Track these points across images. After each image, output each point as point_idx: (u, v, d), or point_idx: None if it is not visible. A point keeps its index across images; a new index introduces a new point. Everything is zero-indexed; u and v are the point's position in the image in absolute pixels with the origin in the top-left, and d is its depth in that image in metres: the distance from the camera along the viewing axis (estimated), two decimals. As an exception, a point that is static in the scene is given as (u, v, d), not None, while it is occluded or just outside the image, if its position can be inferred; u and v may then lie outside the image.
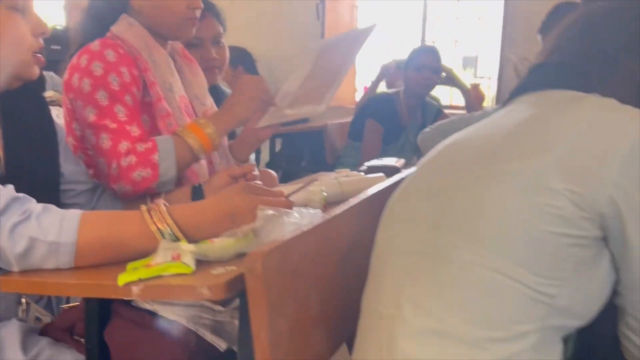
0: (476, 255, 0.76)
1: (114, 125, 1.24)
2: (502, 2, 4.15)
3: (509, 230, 0.75)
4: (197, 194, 1.24)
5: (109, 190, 1.27)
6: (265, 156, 3.88)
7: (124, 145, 1.23)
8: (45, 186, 1.13)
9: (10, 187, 0.91)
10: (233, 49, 4.33)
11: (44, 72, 4.16)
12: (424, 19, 4.86)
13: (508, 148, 0.80)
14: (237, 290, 0.80)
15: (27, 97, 1.12)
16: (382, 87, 3.83)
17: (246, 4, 4.70)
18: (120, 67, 1.28)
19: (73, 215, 0.91)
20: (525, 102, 0.88)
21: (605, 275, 0.78)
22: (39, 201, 0.93)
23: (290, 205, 1.00)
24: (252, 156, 2.29)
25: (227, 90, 2.14)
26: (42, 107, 1.18)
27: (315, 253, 0.94)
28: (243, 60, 4.32)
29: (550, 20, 1.06)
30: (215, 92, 1.98)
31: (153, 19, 1.38)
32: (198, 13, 1.41)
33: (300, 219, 0.97)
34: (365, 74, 5.23)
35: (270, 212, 0.93)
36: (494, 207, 0.77)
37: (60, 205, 1.14)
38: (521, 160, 0.77)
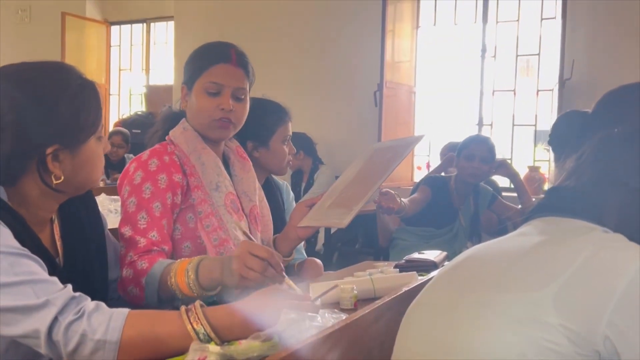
0: None
1: (129, 234, 1.38)
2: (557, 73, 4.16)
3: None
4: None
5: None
6: (321, 238, 3.97)
7: (129, 256, 1.36)
8: (96, 277, 1.26)
9: (69, 287, 1.03)
10: (297, 134, 4.58)
11: (125, 155, 4.49)
12: (481, 98, 4.94)
13: (511, 276, 0.82)
14: (254, 394, 0.87)
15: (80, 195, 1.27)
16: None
17: (307, 91, 4.96)
18: (158, 175, 1.43)
19: (120, 314, 1.02)
20: (539, 226, 0.90)
21: None
22: (89, 290, 1.05)
23: (315, 310, 1.07)
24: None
25: (280, 182, 2.27)
26: (90, 200, 1.32)
27: (336, 357, 1.00)
28: (303, 144, 4.53)
29: (558, 130, 1.08)
30: (269, 183, 2.12)
31: (193, 121, 1.54)
32: (228, 114, 1.50)
33: (324, 322, 1.03)
34: (422, 155, 5.31)
35: (293, 315, 1.01)
36: (490, 337, 0.78)
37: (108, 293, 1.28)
38: (521, 291, 0.78)
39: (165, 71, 6.80)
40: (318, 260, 2.10)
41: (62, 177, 1.12)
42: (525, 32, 4.87)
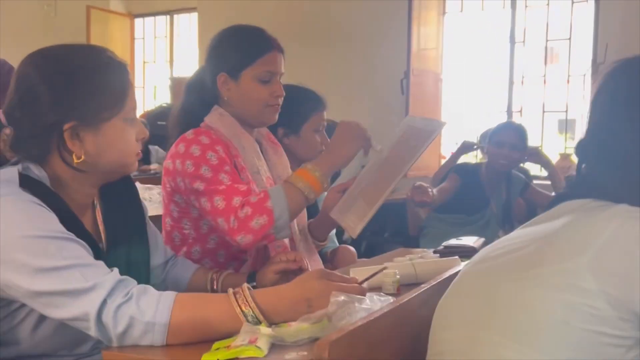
0: (520, 354, 0.79)
1: (223, 187, 1.39)
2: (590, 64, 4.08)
3: (548, 329, 0.78)
4: (251, 280, 1.35)
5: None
6: (349, 227, 3.95)
7: (237, 201, 1.37)
8: (138, 263, 1.26)
9: (115, 271, 1.04)
10: (328, 122, 4.55)
11: (150, 147, 4.53)
12: (510, 85, 4.86)
13: (543, 253, 0.85)
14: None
15: (120, 180, 1.24)
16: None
17: (334, 80, 4.94)
18: (215, 146, 1.45)
19: (168, 296, 1.02)
20: (563, 209, 0.92)
21: None
22: (132, 274, 1.05)
23: (363, 292, 1.06)
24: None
25: None
26: (132, 187, 1.31)
27: (384, 339, 0.98)
28: (333, 132, 4.50)
29: None
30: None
31: (241, 108, 1.55)
32: (281, 100, 1.56)
33: (372, 305, 1.02)
34: (450, 143, 5.26)
35: (343, 298, 0.99)
36: (533, 307, 0.80)
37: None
38: (555, 263, 0.81)
39: (190, 63, 6.83)
40: (351, 248, 2.09)
41: (83, 157, 1.08)
42: (555, 16, 4.77)
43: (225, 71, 1.54)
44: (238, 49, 1.55)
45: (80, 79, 1.09)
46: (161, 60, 7.37)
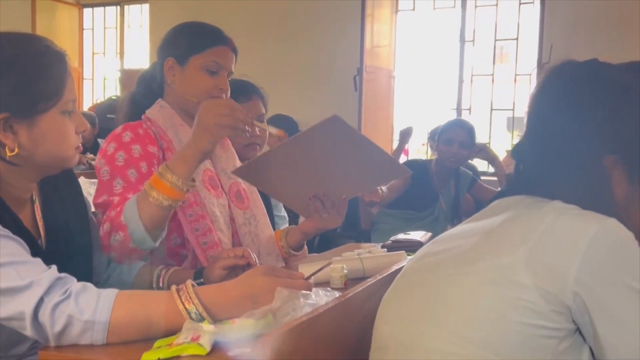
0: (458, 347, 0.81)
1: (103, 199, 1.36)
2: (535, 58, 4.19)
3: (485, 323, 0.81)
4: (199, 277, 1.32)
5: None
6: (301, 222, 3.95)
7: (106, 215, 1.32)
8: (79, 260, 1.22)
9: (53, 268, 1.00)
10: (281, 117, 4.53)
11: (99, 140, 4.38)
12: (460, 83, 4.95)
13: (481, 248, 0.88)
14: (248, 372, 0.85)
15: (60, 174, 1.21)
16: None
17: (287, 76, 4.92)
18: (132, 145, 1.42)
19: (109, 294, 0.99)
20: (502, 205, 0.95)
21: None
22: (73, 272, 1.02)
23: (309, 287, 1.06)
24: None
25: None
26: (73, 181, 1.27)
27: (331, 334, 0.99)
28: (287, 127, 4.49)
29: None
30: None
31: (183, 97, 1.52)
32: (225, 95, 1.54)
33: (318, 300, 1.02)
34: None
35: (287, 293, 0.99)
36: (471, 301, 0.83)
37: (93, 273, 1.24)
38: (492, 258, 0.84)
39: (140, 55, 6.68)
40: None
41: (17, 150, 1.04)
42: (504, 16, 4.88)
43: (173, 56, 1.53)
44: (190, 36, 1.55)
45: (13, 68, 1.05)
46: (111, 51, 7.19)
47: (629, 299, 0.79)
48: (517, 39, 4.76)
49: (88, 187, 2.36)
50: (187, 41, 1.53)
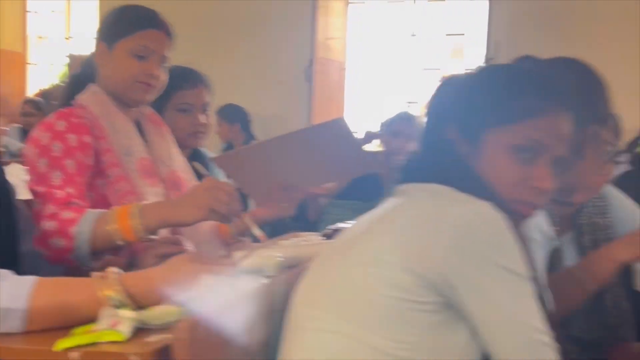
0: (331, 324, 0.87)
1: (43, 190, 1.31)
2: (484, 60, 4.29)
3: (361, 300, 0.86)
4: (131, 266, 1.29)
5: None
6: (250, 213, 3.94)
7: (49, 209, 1.28)
8: (3, 248, 1.19)
9: None
10: (232, 106, 4.49)
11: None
12: (410, 77, 5.02)
13: (363, 236, 0.94)
14: (168, 358, 0.85)
15: None
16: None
17: (241, 66, 4.89)
18: (67, 135, 1.38)
19: (26, 281, 0.97)
20: (397, 193, 1.00)
21: (468, 340, 0.86)
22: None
23: (236, 275, 1.06)
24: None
25: (210, 154, 2.22)
26: None
27: (257, 320, 0.99)
28: (240, 118, 4.47)
29: None
30: (200, 156, 2.07)
31: (111, 82, 1.49)
32: (154, 81, 1.49)
33: (243, 287, 1.02)
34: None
35: (212, 280, 0.99)
36: (348, 282, 0.89)
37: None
38: (367, 242, 0.91)
39: (89, 40, 6.50)
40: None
41: None
42: (454, 12, 4.96)
43: (104, 40, 1.49)
44: (120, 18, 1.50)
45: None
46: (58, 36, 6.96)
47: (495, 275, 0.83)
48: (464, 34, 4.85)
49: (22, 174, 2.29)
50: (116, 24, 1.49)
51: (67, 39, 6.86)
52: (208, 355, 0.85)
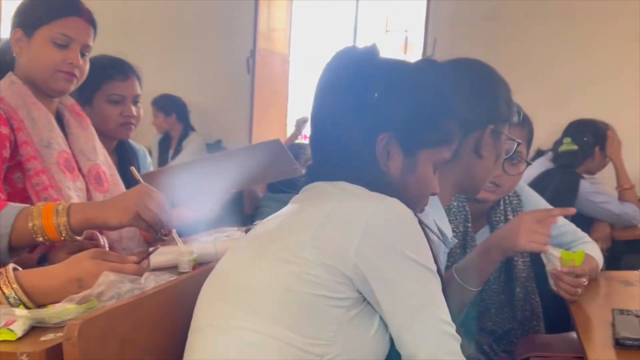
0: (248, 322, 0.86)
1: None
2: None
3: (274, 296, 0.86)
4: (43, 262, 1.27)
5: None
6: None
7: None
8: None
9: None
10: (168, 96, 4.41)
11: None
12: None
13: (276, 232, 0.94)
14: (60, 358, 0.84)
15: None
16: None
17: (180, 55, 4.80)
18: None
19: None
20: (303, 192, 1.02)
21: (382, 332, 0.89)
22: None
23: (139, 272, 1.06)
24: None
25: (137, 146, 2.18)
26: None
27: (156, 319, 0.98)
28: (176, 108, 4.40)
29: None
30: (124, 147, 2.03)
31: (31, 71, 1.45)
32: (77, 71, 1.47)
33: (146, 284, 1.02)
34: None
35: (113, 277, 0.98)
36: (261, 278, 0.89)
37: None
38: (283, 239, 0.91)
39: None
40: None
41: None
42: (396, 8, 5.03)
43: (21, 27, 1.45)
44: (39, 6, 1.46)
45: None
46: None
47: (404, 267, 0.87)
48: (406, 30, 4.93)
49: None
50: (35, 11, 1.45)
51: None
52: (100, 354, 0.84)
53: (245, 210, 3.45)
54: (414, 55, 4.92)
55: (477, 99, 1.21)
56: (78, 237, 1.23)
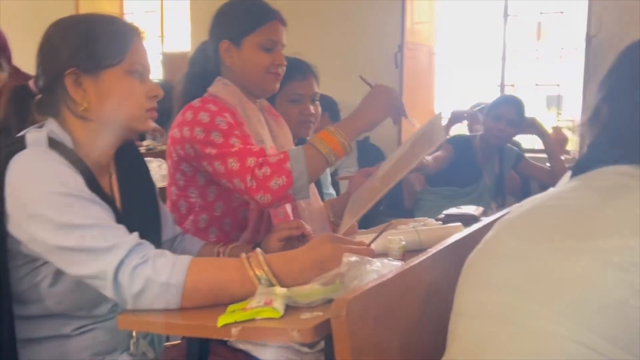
0: (563, 328, 0.75)
1: (235, 149, 1.40)
2: (584, 39, 4.08)
3: (601, 305, 0.74)
4: None
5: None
6: (345, 201, 3.97)
7: (251, 161, 1.37)
8: (150, 234, 1.27)
9: (135, 234, 1.06)
10: (321, 96, 4.52)
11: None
12: (503, 60, 4.87)
13: (598, 223, 0.79)
14: (323, 334, 0.88)
15: (126, 145, 1.27)
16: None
17: (328, 54, 4.90)
18: (223, 113, 1.46)
19: (184, 259, 1.04)
20: (597, 178, 0.87)
21: None
22: (144, 238, 1.07)
23: (372, 254, 1.08)
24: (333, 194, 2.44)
25: None
26: (142, 162, 1.35)
27: (396, 301, 1.01)
28: (329, 107, 4.51)
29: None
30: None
31: (242, 76, 1.57)
32: (281, 70, 1.58)
33: (382, 267, 1.04)
34: (444, 118, 5.27)
35: (355, 258, 1.01)
36: (587, 281, 0.76)
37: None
38: (616, 238, 0.76)
39: (181, 38, 6.75)
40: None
41: (86, 104, 1.13)
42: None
43: (227, 38, 1.56)
44: (241, 16, 1.57)
45: (83, 28, 1.14)
46: (152, 35, 7.28)
47: None
48: (562, 12, 4.63)
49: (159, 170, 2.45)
50: (238, 22, 1.56)
51: (160, 37, 7.16)
52: (362, 333, 0.87)
53: (405, 204, 3.43)
54: (573, 36, 4.61)
55: None
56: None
